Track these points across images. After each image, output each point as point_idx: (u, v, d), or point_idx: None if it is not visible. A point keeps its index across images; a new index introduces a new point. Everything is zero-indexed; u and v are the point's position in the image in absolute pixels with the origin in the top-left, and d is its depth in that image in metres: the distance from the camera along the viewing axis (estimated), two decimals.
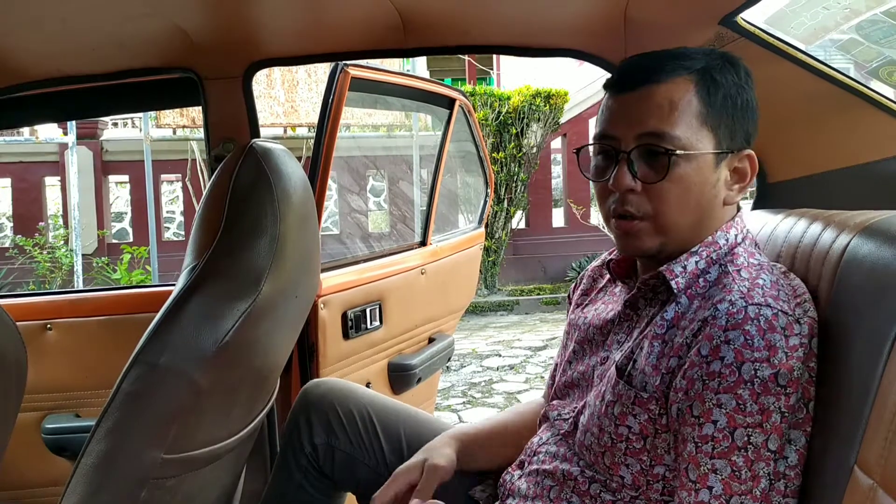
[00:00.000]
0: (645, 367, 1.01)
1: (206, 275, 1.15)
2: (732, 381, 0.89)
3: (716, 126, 1.04)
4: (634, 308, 1.12)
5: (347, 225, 7.85)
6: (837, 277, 0.94)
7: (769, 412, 0.89)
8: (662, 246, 1.06)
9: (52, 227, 7.67)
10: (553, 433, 1.20)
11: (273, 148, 1.26)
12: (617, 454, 1.03)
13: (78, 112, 1.98)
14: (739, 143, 1.06)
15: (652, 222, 1.05)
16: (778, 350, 0.90)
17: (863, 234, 0.93)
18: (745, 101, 1.06)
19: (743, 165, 1.07)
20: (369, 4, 1.42)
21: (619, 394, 1.03)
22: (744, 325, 0.91)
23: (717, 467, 0.90)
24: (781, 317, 0.92)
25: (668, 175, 1.02)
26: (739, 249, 1.04)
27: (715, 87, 1.04)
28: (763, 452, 0.89)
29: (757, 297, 0.94)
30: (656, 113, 1.03)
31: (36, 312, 1.84)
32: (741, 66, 1.08)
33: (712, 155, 1.04)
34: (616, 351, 1.10)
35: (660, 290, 1.08)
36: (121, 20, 1.43)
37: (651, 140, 1.03)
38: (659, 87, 1.03)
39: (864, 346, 0.84)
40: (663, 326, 1.02)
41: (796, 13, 1.42)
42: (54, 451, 1.85)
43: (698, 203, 1.04)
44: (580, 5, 1.45)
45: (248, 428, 1.34)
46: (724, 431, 0.90)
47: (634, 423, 1.01)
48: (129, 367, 1.10)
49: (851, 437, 0.80)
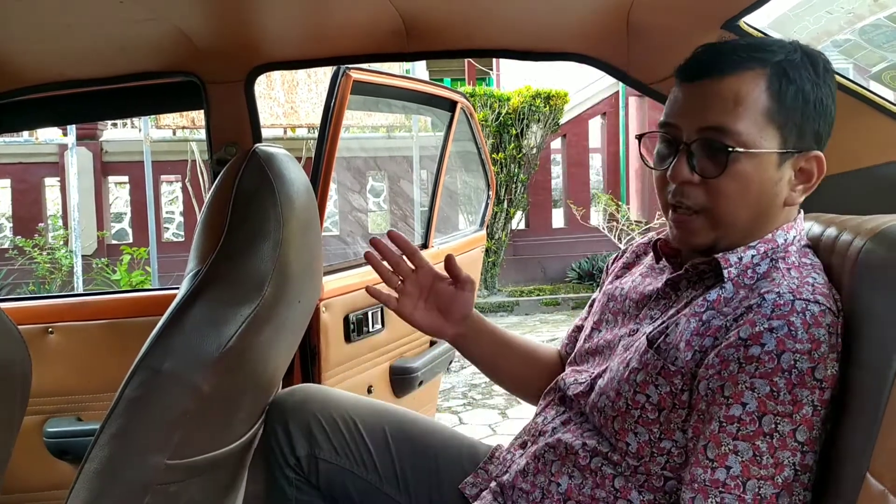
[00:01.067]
0: (679, 343, 1.00)
1: (209, 280, 1.15)
2: (770, 368, 0.89)
3: (783, 124, 1.00)
4: (675, 288, 1.11)
5: (347, 225, 7.85)
6: (854, 281, 0.94)
7: (801, 404, 0.88)
8: (716, 241, 1.05)
9: (51, 227, 7.67)
10: (558, 411, 1.19)
11: (276, 152, 1.26)
12: (629, 420, 1.03)
13: (80, 116, 1.99)
14: (808, 142, 1.03)
15: (708, 217, 1.04)
16: (822, 344, 0.89)
17: (875, 240, 0.93)
18: (818, 100, 1.02)
19: (809, 166, 1.04)
20: (372, 9, 1.42)
21: (645, 362, 1.02)
22: (790, 316, 0.91)
23: (739, 449, 0.90)
24: (828, 315, 0.92)
25: (727, 171, 1.00)
26: (792, 248, 1.04)
27: (787, 83, 1.00)
28: (789, 442, 0.88)
29: (806, 293, 0.94)
30: (720, 106, 1.00)
31: (37, 316, 1.84)
32: (820, 62, 1.03)
33: (776, 154, 1.01)
34: (647, 325, 1.10)
35: (707, 276, 1.06)
36: (123, 24, 1.43)
37: (712, 134, 1.00)
38: (727, 78, 1.00)
39: (877, 352, 0.84)
40: (703, 306, 1.01)
41: (799, 17, 1.42)
42: (56, 455, 1.85)
43: (757, 201, 1.02)
44: (582, 9, 1.44)
45: (251, 433, 1.34)
46: (752, 415, 0.89)
47: (654, 392, 1.00)
48: (133, 372, 1.10)
49: (864, 444, 0.81)
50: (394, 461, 1.35)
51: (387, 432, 1.37)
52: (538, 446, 1.16)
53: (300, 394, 1.42)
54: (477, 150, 3.04)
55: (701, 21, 1.38)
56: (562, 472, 1.10)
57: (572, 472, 1.09)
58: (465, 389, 4.73)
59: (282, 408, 1.38)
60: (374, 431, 1.37)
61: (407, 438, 1.37)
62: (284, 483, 1.35)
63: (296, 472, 1.35)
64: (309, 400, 1.39)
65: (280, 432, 1.35)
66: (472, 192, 6.59)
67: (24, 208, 7.62)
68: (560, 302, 7.50)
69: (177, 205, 9.05)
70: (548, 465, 1.13)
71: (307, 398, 1.40)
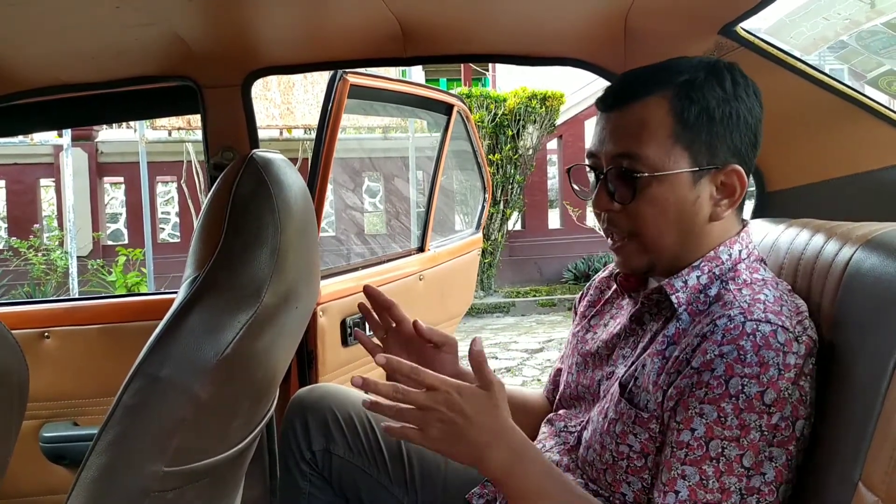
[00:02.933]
0: (647, 386, 1.00)
1: (207, 287, 1.15)
2: (718, 394, 0.90)
3: (690, 144, 1.02)
4: (640, 323, 1.12)
5: (343, 225, 7.84)
6: (840, 292, 0.94)
7: (748, 428, 0.89)
8: (651, 264, 1.07)
9: (46, 228, 7.65)
10: (557, 442, 1.20)
11: (273, 158, 1.26)
12: (618, 472, 1.03)
13: (76, 120, 1.98)
14: (722, 158, 1.03)
15: (636, 241, 1.06)
16: (770, 367, 0.89)
17: (866, 248, 0.92)
18: (727, 114, 1.02)
19: (730, 180, 1.03)
20: (369, 13, 1.41)
21: (620, 412, 1.03)
22: (739, 339, 0.91)
23: (686, 473, 0.91)
24: (781, 333, 0.91)
25: (640, 196, 1.02)
26: (742, 266, 1.04)
27: (689, 104, 1.01)
28: (735, 467, 0.89)
29: (757, 313, 0.93)
30: (627, 133, 1.03)
31: (33, 321, 1.83)
32: (728, 77, 1.03)
33: (687, 173, 1.01)
34: (621, 366, 1.11)
35: (664, 305, 1.07)
36: (120, 29, 1.42)
37: (622, 161, 1.03)
38: (633, 106, 1.03)
39: (868, 363, 0.84)
40: (664, 343, 1.01)
41: (796, 23, 1.42)
42: (52, 460, 1.85)
43: (678, 221, 1.03)
44: (580, 15, 1.44)
45: (248, 439, 1.33)
46: (700, 440, 0.90)
47: (635, 441, 1.01)
48: (130, 379, 1.09)
49: (855, 454, 0.80)
50: (404, 464, 1.38)
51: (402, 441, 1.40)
52: None
53: (319, 391, 1.47)
54: (473, 153, 3.04)
55: (698, 27, 1.38)
56: None
57: None
58: None
59: (301, 404, 1.44)
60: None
61: (422, 451, 1.38)
62: (298, 476, 1.40)
63: (310, 467, 1.40)
64: (328, 397, 1.44)
65: (298, 427, 1.41)
66: (468, 195, 6.59)
67: (19, 209, 7.60)
68: (556, 303, 7.51)
69: (172, 205, 9.04)
70: None
71: (326, 395, 1.45)
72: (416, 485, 1.37)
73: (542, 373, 5.10)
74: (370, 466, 1.39)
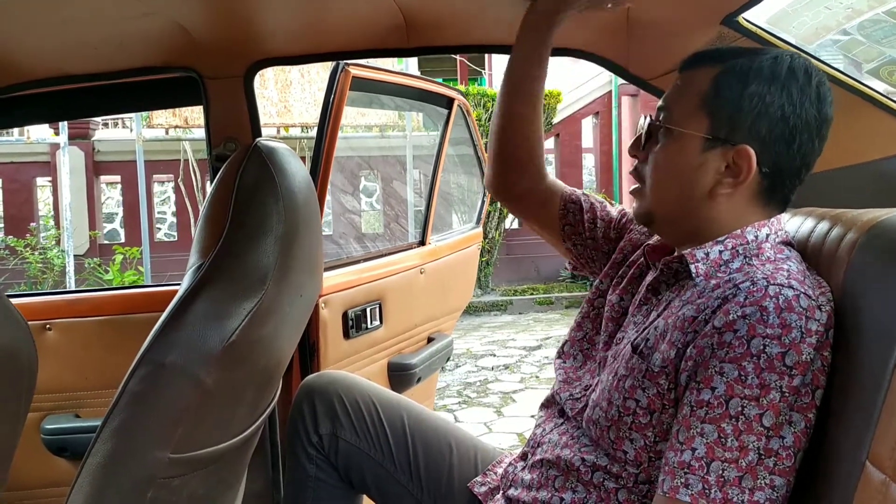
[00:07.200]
0: (661, 345, 1.01)
1: (212, 274, 1.15)
2: (740, 353, 0.90)
3: (714, 112, 1.04)
4: (656, 292, 1.13)
5: (340, 227, 7.83)
6: (847, 276, 0.94)
7: (769, 388, 0.89)
8: (649, 214, 1.13)
9: (43, 227, 7.64)
10: (556, 423, 1.21)
11: (277, 147, 1.26)
12: (622, 428, 1.03)
13: (77, 111, 1.97)
14: (740, 137, 1.03)
15: (644, 190, 1.12)
16: (792, 329, 0.90)
17: (871, 233, 0.93)
18: (763, 100, 1.02)
19: (739, 161, 1.03)
20: (372, 4, 1.42)
21: (631, 367, 1.04)
22: (762, 301, 0.91)
23: (704, 431, 0.91)
24: (803, 299, 0.92)
25: (656, 146, 1.09)
26: (766, 245, 1.04)
27: (732, 79, 1.03)
28: (755, 426, 0.89)
29: (780, 279, 0.94)
30: (675, 91, 1.10)
31: (35, 312, 1.83)
32: (789, 73, 1.03)
33: (699, 138, 1.05)
34: (632, 332, 1.12)
35: (681, 276, 1.09)
36: (122, 20, 1.42)
37: (660, 114, 1.11)
38: (692, 71, 1.09)
39: (875, 345, 0.84)
40: (679, 306, 1.02)
41: (798, 13, 1.42)
42: (54, 452, 1.84)
43: (678, 182, 1.07)
44: None
45: (252, 427, 1.34)
46: (720, 398, 0.90)
47: (643, 396, 1.01)
48: (136, 366, 1.09)
49: (863, 432, 0.81)
50: (409, 451, 1.41)
51: (405, 423, 1.44)
52: (536, 458, 1.19)
53: (328, 376, 1.52)
54: (473, 147, 3.04)
55: (701, 17, 1.38)
56: (566, 486, 1.12)
57: (576, 486, 1.11)
58: (459, 388, 4.74)
59: (309, 388, 1.48)
60: (393, 420, 1.44)
61: (423, 431, 1.43)
62: (306, 460, 1.44)
63: (317, 450, 1.44)
64: (335, 382, 1.49)
65: (306, 411, 1.45)
66: (466, 190, 6.59)
67: (16, 208, 7.58)
68: (554, 301, 7.52)
69: (169, 204, 9.03)
70: (551, 479, 1.14)
71: (334, 381, 1.49)
72: (420, 472, 1.39)
73: (540, 370, 5.11)
74: (376, 452, 1.42)
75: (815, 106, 1.03)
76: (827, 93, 1.05)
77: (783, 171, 1.05)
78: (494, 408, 4.33)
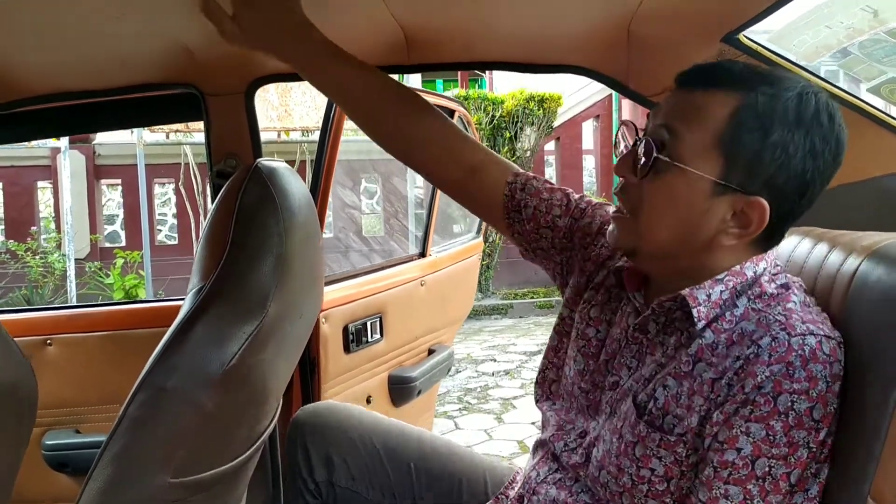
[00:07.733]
0: (675, 409, 0.95)
1: (213, 297, 1.15)
2: (766, 411, 0.86)
3: (731, 155, 0.93)
4: (644, 332, 1.05)
5: (339, 230, 7.83)
6: (847, 304, 0.92)
7: (797, 446, 0.86)
8: (636, 249, 1.02)
9: (43, 231, 7.64)
10: (550, 468, 1.15)
11: (278, 167, 1.26)
12: (637, 495, 0.98)
13: (78, 128, 1.98)
14: (755, 187, 0.94)
15: (633, 220, 1.00)
16: (819, 381, 0.86)
17: (872, 259, 0.91)
18: (785, 150, 0.92)
19: (751, 212, 0.94)
20: (373, 21, 1.41)
21: (640, 435, 0.97)
22: (787, 356, 0.87)
23: (729, 493, 0.88)
24: (825, 343, 0.88)
25: (655, 177, 0.96)
26: (763, 279, 0.98)
27: (755, 119, 0.92)
28: (781, 485, 0.86)
29: (798, 325, 0.89)
30: (682, 112, 0.96)
31: (36, 328, 1.83)
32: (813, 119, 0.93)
33: (712, 182, 0.94)
34: (627, 377, 1.05)
35: (675, 316, 1.01)
36: (123, 38, 1.42)
37: (662, 134, 0.96)
38: (706, 92, 0.95)
39: (876, 376, 0.83)
40: (689, 364, 0.95)
41: (799, 31, 1.42)
42: (54, 468, 1.84)
43: (678, 223, 0.97)
44: (584, 22, 1.45)
45: (252, 449, 1.33)
46: (745, 459, 0.87)
47: (659, 465, 0.96)
48: (136, 390, 1.09)
49: (865, 468, 0.80)
50: (413, 488, 1.35)
51: (409, 458, 1.38)
52: None
53: (319, 411, 1.45)
54: None
55: (701, 34, 1.38)
56: None
57: None
58: (460, 394, 4.73)
59: (302, 430, 1.42)
60: (395, 456, 1.38)
61: (427, 463, 1.37)
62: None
63: (314, 497, 1.39)
64: (329, 422, 1.42)
65: (300, 455, 1.40)
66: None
67: (16, 212, 7.59)
68: (554, 304, 7.52)
69: (169, 207, 9.03)
70: None
71: (327, 422, 1.42)
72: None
73: None
74: (375, 493, 1.36)
75: (833, 154, 0.95)
76: (845, 139, 0.96)
77: (790, 218, 0.98)
78: (495, 414, 4.33)
